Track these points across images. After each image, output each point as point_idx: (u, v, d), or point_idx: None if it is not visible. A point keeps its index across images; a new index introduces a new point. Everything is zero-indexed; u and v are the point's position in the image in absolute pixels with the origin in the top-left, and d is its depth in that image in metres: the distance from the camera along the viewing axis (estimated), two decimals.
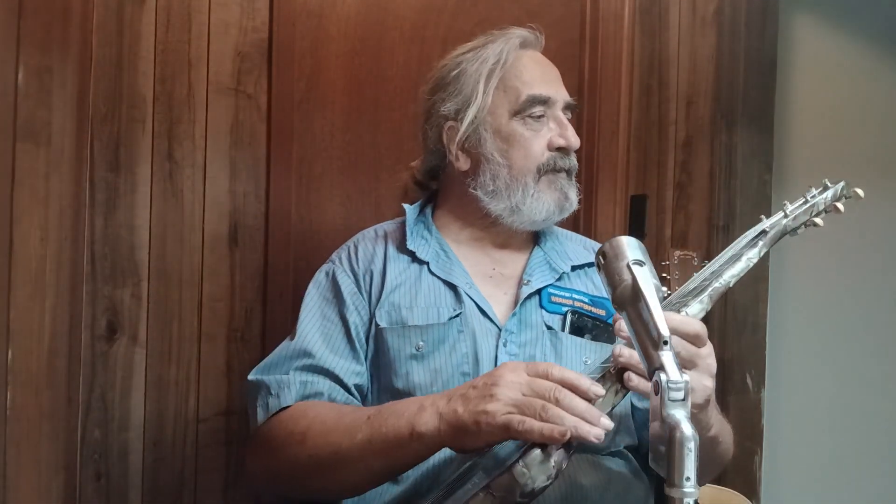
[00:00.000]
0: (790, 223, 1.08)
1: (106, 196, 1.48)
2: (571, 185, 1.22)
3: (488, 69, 1.20)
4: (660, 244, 1.84)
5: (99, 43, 1.47)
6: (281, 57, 1.58)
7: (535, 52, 1.25)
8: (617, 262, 0.81)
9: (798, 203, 1.10)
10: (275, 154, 1.58)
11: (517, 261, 1.23)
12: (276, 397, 1.11)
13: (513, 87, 1.20)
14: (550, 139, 1.20)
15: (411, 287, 1.18)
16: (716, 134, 1.87)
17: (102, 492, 1.48)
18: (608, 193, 1.78)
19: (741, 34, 1.87)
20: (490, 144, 1.20)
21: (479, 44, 1.24)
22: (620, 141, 1.79)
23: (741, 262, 1.04)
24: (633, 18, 1.81)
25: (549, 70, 1.24)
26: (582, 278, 1.24)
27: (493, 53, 1.21)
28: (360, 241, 1.26)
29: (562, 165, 1.20)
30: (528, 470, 0.86)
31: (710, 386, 0.94)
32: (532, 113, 1.19)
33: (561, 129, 1.20)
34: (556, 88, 1.21)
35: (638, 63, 1.83)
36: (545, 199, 1.19)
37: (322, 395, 1.11)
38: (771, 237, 1.07)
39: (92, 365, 1.47)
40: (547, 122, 1.20)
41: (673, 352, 0.71)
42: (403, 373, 1.12)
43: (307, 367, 1.13)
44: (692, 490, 0.65)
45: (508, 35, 1.23)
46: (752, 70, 1.87)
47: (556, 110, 1.21)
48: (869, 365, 1.90)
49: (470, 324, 1.14)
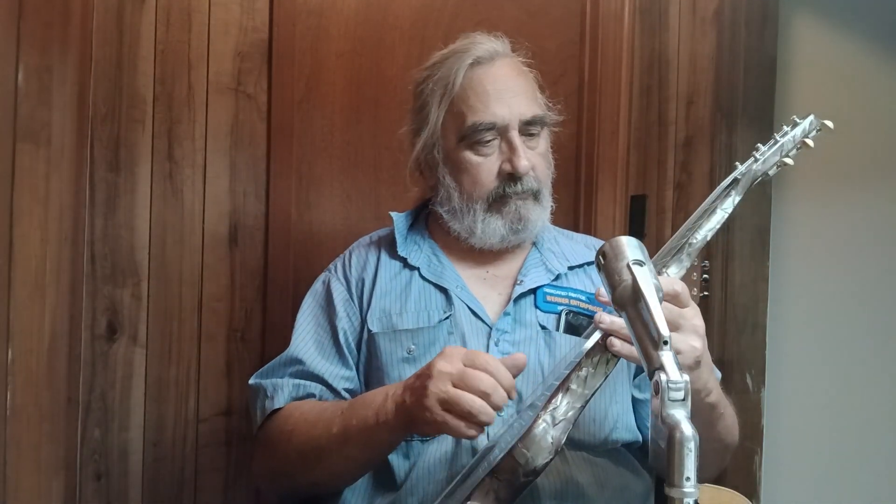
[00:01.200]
0: (760, 167, 1.04)
1: (106, 196, 1.48)
2: (531, 206, 1.17)
3: (439, 93, 1.18)
4: (660, 244, 1.83)
5: (99, 43, 1.47)
6: (281, 57, 1.58)
7: (490, 67, 1.17)
8: (617, 262, 0.81)
9: (768, 145, 1.06)
10: (275, 154, 1.58)
11: (512, 262, 1.23)
12: (271, 399, 1.16)
13: (459, 113, 1.16)
14: (500, 165, 1.15)
15: (401, 292, 1.19)
16: (716, 134, 1.86)
17: (102, 492, 1.49)
18: (608, 193, 1.78)
19: (741, 34, 1.87)
20: (441, 168, 1.20)
21: (439, 59, 1.21)
22: (620, 141, 1.79)
23: (716, 215, 1.02)
24: (633, 18, 1.81)
25: (504, 88, 1.16)
26: (580, 276, 1.24)
27: (444, 75, 1.18)
28: (355, 248, 1.28)
29: (511, 192, 1.15)
30: (527, 450, 0.89)
31: (697, 346, 0.92)
32: (478, 140, 1.15)
33: (510, 154, 1.14)
34: (508, 109, 1.14)
35: (638, 63, 1.83)
36: (496, 225, 1.17)
37: (314, 397, 1.16)
38: (743, 184, 1.03)
39: (92, 365, 1.47)
40: (498, 147, 1.15)
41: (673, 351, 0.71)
42: (396, 376, 1.12)
43: (299, 374, 1.18)
44: (692, 490, 0.65)
45: (461, 54, 1.18)
46: (752, 70, 1.87)
47: (509, 132, 1.15)
48: (869, 365, 1.90)
49: (460, 325, 1.14)
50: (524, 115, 1.15)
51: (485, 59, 1.17)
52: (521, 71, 1.20)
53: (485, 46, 1.18)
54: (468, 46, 1.19)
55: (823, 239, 1.88)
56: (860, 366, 1.88)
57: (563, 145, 1.40)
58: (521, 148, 1.14)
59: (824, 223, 1.92)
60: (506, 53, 1.20)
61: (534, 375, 1.10)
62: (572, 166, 1.78)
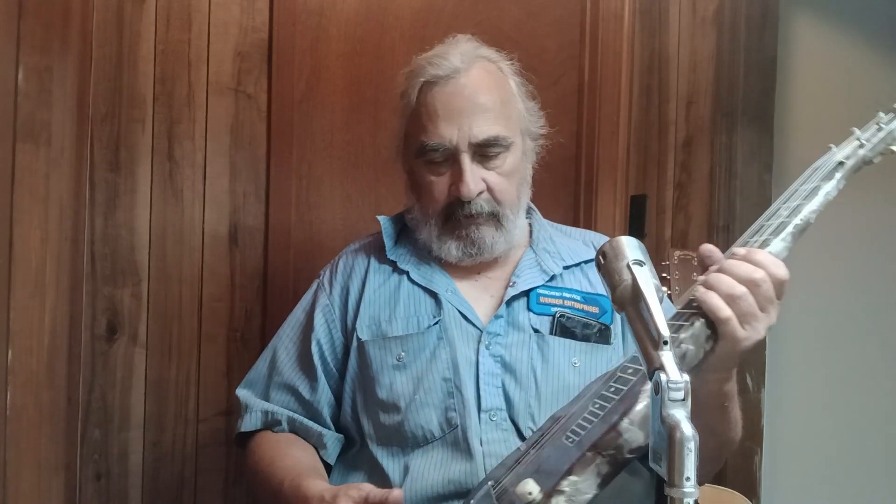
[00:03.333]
0: (867, 153, 0.96)
1: (106, 196, 1.48)
2: (483, 228, 1.14)
3: (402, 106, 1.19)
4: (660, 244, 1.84)
5: (99, 43, 1.47)
6: (281, 57, 1.58)
7: (445, 87, 1.13)
8: (617, 262, 0.80)
9: (871, 130, 0.99)
10: (275, 154, 1.58)
11: (506, 263, 1.21)
12: (242, 419, 1.21)
13: (415, 130, 1.16)
14: (450, 187, 1.14)
15: (390, 298, 1.18)
16: (716, 134, 1.87)
17: (102, 492, 1.49)
18: (608, 193, 1.78)
19: (741, 34, 1.87)
20: (407, 178, 1.21)
21: (410, 69, 1.20)
22: (620, 141, 1.79)
23: (819, 197, 0.93)
24: (633, 18, 1.81)
25: (457, 109, 1.12)
26: (576, 275, 1.22)
27: (406, 90, 1.17)
28: (343, 255, 1.28)
29: (460, 213, 1.13)
30: (633, 425, 0.84)
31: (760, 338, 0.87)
32: (430, 159, 1.13)
33: (457, 179, 1.12)
34: (456, 131, 1.11)
35: (638, 63, 1.83)
36: (449, 244, 1.16)
37: (280, 424, 1.19)
38: (849, 168, 0.95)
39: (92, 365, 1.47)
40: (450, 167, 1.13)
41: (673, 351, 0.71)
42: (387, 383, 1.12)
43: (276, 385, 1.21)
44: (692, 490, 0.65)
45: (418, 71, 1.16)
46: (752, 70, 1.87)
47: (459, 154, 1.11)
48: (869, 365, 1.90)
49: (449, 329, 1.13)
50: (475, 137, 1.11)
51: (441, 78, 1.13)
52: (488, 86, 1.15)
53: (446, 63, 1.14)
54: (431, 60, 1.16)
55: (823, 239, 1.88)
56: (860, 366, 1.88)
57: (562, 145, 1.40)
58: (467, 172, 1.11)
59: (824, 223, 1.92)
60: (470, 67, 1.14)
61: (526, 379, 1.10)
62: (572, 166, 1.78)
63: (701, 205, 1.87)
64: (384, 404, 1.12)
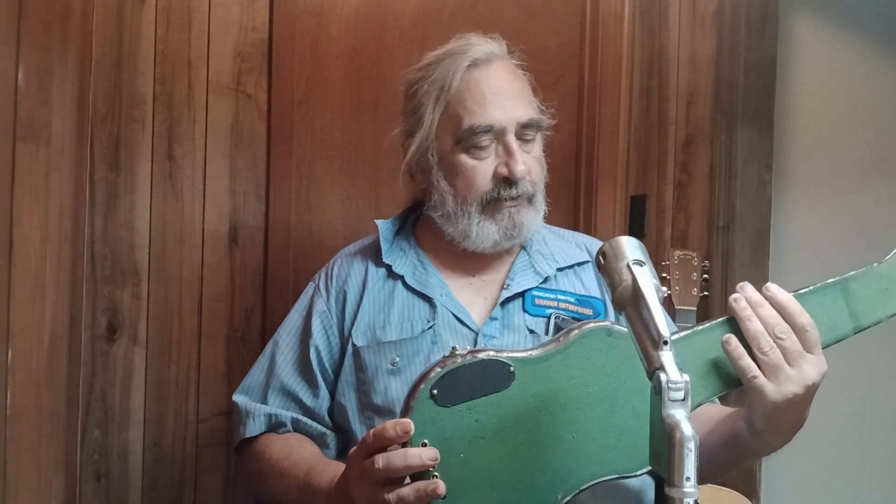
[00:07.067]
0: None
1: (106, 196, 1.48)
2: (524, 210, 1.16)
3: (434, 95, 1.16)
4: (660, 244, 1.84)
5: (99, 43, 1.47)
6: (281, 57, 1.58)
7: (487, 70, 1.15)
8: (617, 262, 0.80)
9: None
10: (275, 154, 1.58)
11: (500, 266, 1.22)
12: (244, 426, 1.19)
13: (455, 115, 1.14)
14: (496, 168, 1.14)
15: (385, 303, 1.18)
16: (716, 134, 1.87)
17: (102, 492, 1.49)
18: (608, 193, 1.78)
19: (741, 34, 1.87)
20: (436, 171, 1.18)
21: (434, 60, 1.19)
22: (620, 141, 1.79)
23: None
24: (633, 18, 1.81)
25: (501, 91, 1.15)
26: (570, 277, 1.22)
27: (440, 77, 1.16)
28: (339, 259, 1.27)
29: (506, 195, 1.14)
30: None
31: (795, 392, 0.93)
32: (475, 143, 1.13)
33: (507, 158, 1.13)
34: (504, 112, 1.13)
35: (638, 63, 1.83)
36: (490, 229, 1.15)
37: (285, 426, 1.18)
38: None
39: (92, 365, 1.47)
40: (494, 150, 1.14)
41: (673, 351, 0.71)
42: (381, 388, 1.12)
43: (274, 389, 1.20)
44: (692, 490, 0.65)
45: (457, 55, 1.16)
46: (752, 70, 1.87)
47: (506, 135, 1.13)
48: (869, 365, 1.90)
49: (443, 333, 1.14)
50: (521, 118, 1.14)
51: (482, 61, 1.15)
52: (516, 74, 1.19)
53: (482, 48, 1.16)
54: (465, 48, 1.17)
55: (823, 239, 1.88)
56: (860, 366, 1.87)
57: (563, 145, 1.40)
58: (517, 152, 1.13)
59: (824, 223, 1.92)
60: (502, 56, 1.18)
61: None
62: (572, 166, 1.78)
63: (701, 205, 1.87)
64: (379, 409, 1.12)
